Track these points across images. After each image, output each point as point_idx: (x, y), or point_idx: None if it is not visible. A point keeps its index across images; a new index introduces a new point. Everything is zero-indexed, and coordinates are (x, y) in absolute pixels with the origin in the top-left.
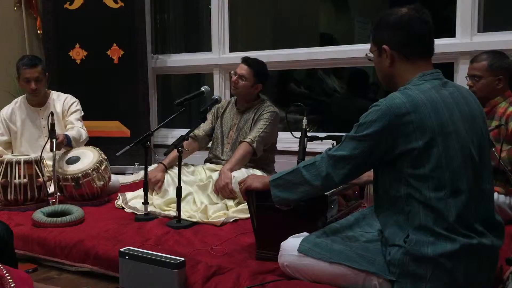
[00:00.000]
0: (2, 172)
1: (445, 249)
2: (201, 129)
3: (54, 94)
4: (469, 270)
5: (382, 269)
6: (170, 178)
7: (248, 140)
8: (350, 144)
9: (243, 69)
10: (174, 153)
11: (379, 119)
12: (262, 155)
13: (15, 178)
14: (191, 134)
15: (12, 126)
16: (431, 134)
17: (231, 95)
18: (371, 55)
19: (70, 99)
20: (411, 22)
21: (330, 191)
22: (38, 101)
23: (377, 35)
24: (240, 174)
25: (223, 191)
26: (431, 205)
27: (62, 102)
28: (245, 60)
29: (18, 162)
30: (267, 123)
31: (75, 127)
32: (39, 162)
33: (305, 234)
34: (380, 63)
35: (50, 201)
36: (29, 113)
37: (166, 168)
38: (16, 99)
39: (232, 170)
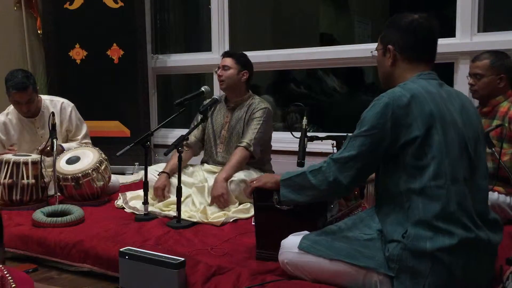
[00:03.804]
0: (9, 172)
1: (444, 243)
2: (192, 135)
3: (46, 100)
4: (467, 265)
5: (382, 265)
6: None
7: (244, 144)
8: (356, 142)
9: (224, 62)
10: (174, 161)
11: (382, 110)
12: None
13: (22, 179)
14: (184, 143)
15: (4, 139)
16: (431, 121)
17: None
18: (376, 52)
19: (67, 105)
20: (419, 28)
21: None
22: (31, 113)
23: (386, 34)
24: (240, 174)
25: (217, 201)
26: (431, 194)
27: (58, 109)
28: (225, 53)
29: (26, 163)
30: (261, 121)
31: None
32: (40, 162)
33: (306, 232)
34: (383, 61)
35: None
36: (24, 126)
37: (169, 176)
38: (6, 110)
39: (227, 178)
